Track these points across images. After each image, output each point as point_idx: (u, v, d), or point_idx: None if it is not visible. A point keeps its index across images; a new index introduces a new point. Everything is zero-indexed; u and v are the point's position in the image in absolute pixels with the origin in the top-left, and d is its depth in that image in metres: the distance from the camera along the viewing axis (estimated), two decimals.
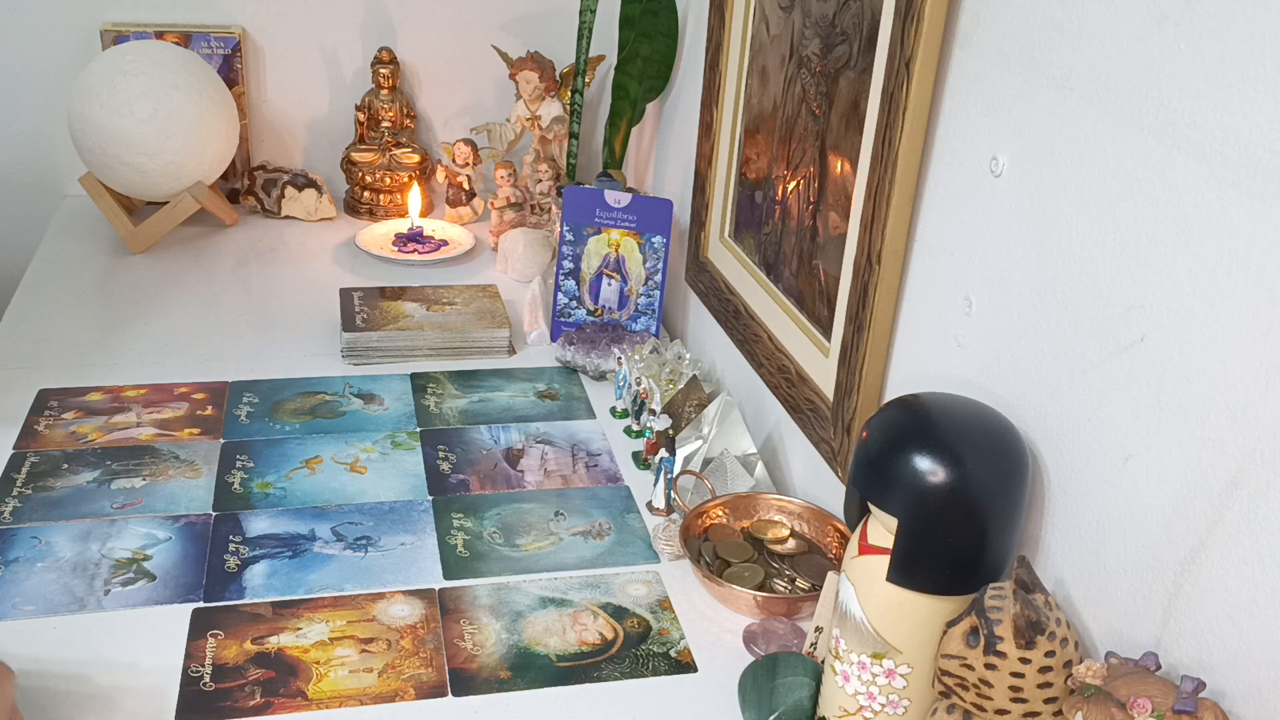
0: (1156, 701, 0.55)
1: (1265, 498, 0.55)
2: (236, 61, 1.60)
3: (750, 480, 1.05)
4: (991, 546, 0.67)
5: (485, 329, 1.29)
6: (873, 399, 0.90)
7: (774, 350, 1.07)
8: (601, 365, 1.27)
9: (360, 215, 1.66)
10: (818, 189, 0.99)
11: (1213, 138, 0.57)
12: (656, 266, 1.31)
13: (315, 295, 1.41)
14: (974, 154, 0.77)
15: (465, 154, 1.61)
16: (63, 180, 1.61)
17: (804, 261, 1.02)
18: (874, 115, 0.86)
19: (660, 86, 1.46)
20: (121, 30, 1.55)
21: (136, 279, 1.43)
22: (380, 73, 1.62)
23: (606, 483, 1.09)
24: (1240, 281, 0.56)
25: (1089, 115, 0.66)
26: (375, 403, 1.19)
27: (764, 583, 0.93)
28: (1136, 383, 0.63)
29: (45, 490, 1.01)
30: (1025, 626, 0.61)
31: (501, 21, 1.66)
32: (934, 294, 0.83)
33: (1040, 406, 0.71)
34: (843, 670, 0.73)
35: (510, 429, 1.17)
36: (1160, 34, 0.60)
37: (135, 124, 1.41)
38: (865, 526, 0.71)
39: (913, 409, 0.70)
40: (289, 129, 1.69)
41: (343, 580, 0.93)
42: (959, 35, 0.78)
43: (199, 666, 0.83)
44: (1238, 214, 0.56)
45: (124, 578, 0.92)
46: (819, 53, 0.97)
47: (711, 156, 1.22)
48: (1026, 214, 0.72)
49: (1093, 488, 0.67)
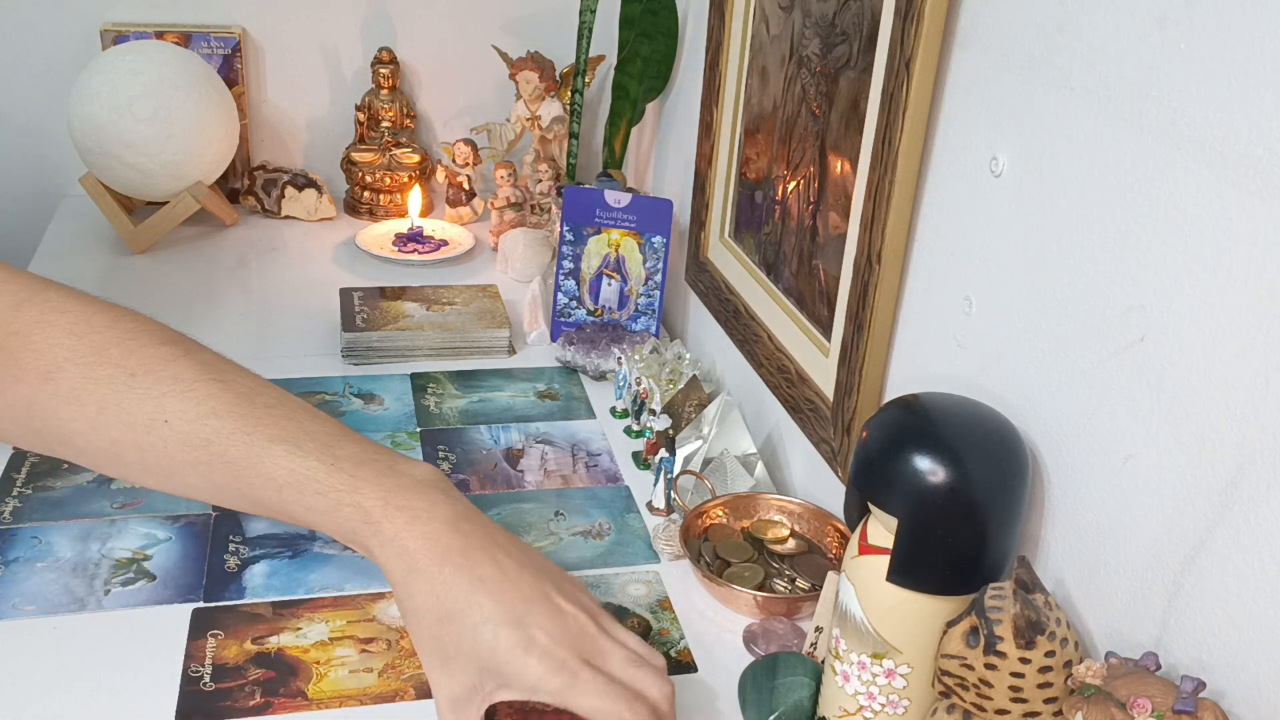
0: (1156, 701, 0.55)
1: (1265, 498, 0.55)
2: (236, 61, 1.60)
3: (750, 480, 1.05)
4: (991, 546, 0.67)
5: (485, 329, 1.29)
6: (873, 399, 0.90)
7: (774, 350, 1.07)
8: (601, 365, 1.27)
9: (360, 215, 1.66)
10: (818, 189, 0.99)
11: (1213, 138, 0.57)
12: (656, 266, 1.31)
13: (315, 295, 1.41)
14: (974, 154, 0.77)
15: (465, 154, 1.61)
16: (63, 180, 1.61)
17: (804, 261, 1.02)
18: (874, 115, 0.86)
19: (660, 86, 1.46)
20: (121, 30, 1.55)
21: (136, 279, 1.43)
22: (380, 73, 1.62)
23: (606, 483, 1.09)
24: (1240, 281, 0.56)
25: (1089, 115, 0.66)
26: (375, 403, 1.19)
27: (764, 583, 0.93)
28: (1136, 383, 0.63)
29: (45, 490, 1.01)
30: (1025, 626, 0.61)
31: (501, 21, 1.66)
32: (934, 294, 0.83)
33: (1040, 406, 0.71)
34: (843, 670, 0.73)
35: (510, 429, 1.17)
36: (1160, 34, 0.60)
37: (135, 124, 1.41)
38: (865, 526, 0.71)
39: (913, 409, 0.70)
40: (289, 129, 1.69)
41: (343, 580, 0.93)
42: (959, 35, 0.78)
43: (199, 666, 0.83)
44: (1238, 214, 0.56)
45: (124, 578, 0.92)
46: (819, 53, 0.97)
47: (711, 156, 1.22)
48: (1026, 214, 0.72)
49: (1093, 488, 0.67)
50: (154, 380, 0.70)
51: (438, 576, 0.68)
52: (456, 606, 0.68)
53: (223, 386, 0.71)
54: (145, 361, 0.71)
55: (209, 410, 0.70)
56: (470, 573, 0.68)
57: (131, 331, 0.72)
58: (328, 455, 0.70)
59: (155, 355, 0.71)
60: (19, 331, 0.71)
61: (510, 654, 0.67)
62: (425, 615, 0.68)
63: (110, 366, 0.70)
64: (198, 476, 0.71)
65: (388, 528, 0.68)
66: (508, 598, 0.68)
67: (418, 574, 0.68)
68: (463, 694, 0.68)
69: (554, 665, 0.67)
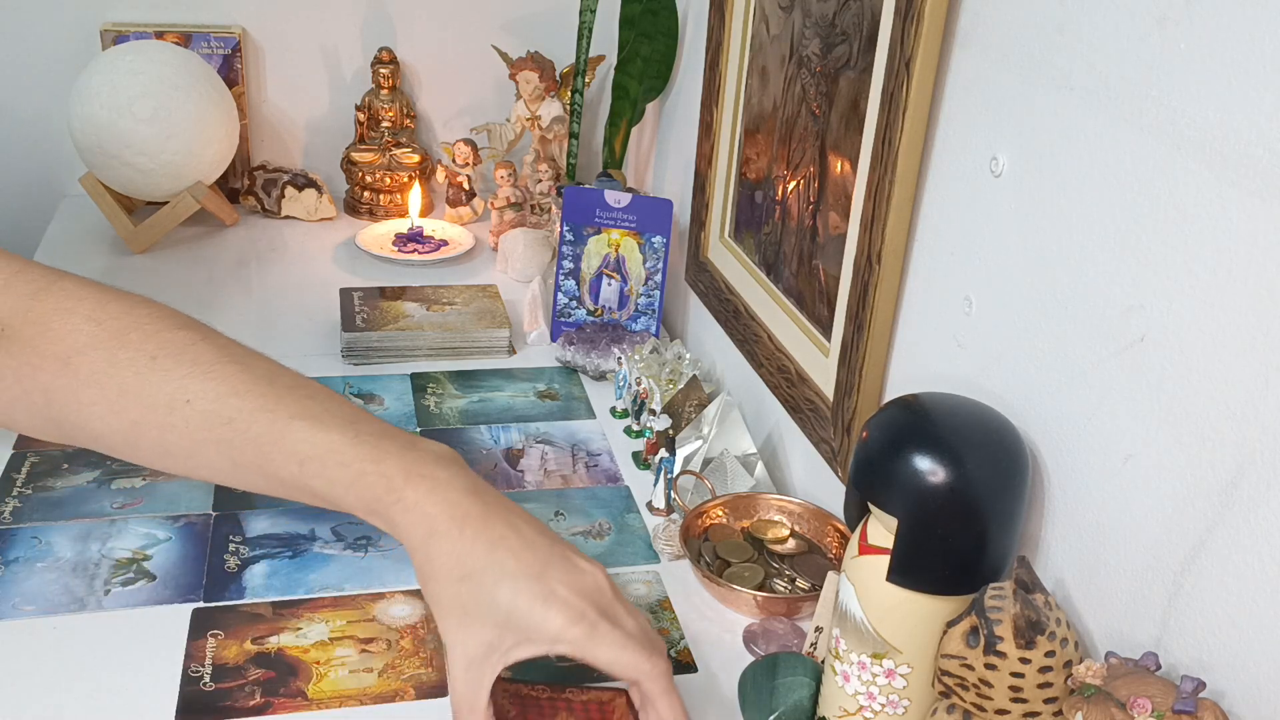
0: (1156, 701, 0.55)
1: (1265, 498, 0.55)
2: (236, 61, 1.60)
3: (750, 480, 1.05)
4: (991, 546, 0.67)
5: (485, 329, 1.29)
6: (873, 399, 0.90)
7: (774, 350, 1.07)
8: (601, 365, 1.27)
9: (360, 215, 1.66)
10: (818, 189, 0.99)
11: (1213, 138, 0.57)
12: (656, 266, 1.31)
13: (315, 295, 1.41)
14: (974, 154, 0.77)
15: (465, 154, 1.61)
16: (63, 180, 1.61)
17: (804, 261, 1.02)
18: (874, 115, 0.86)
19: (660, 86, 1.46)
20: (121, 30, 1.55)
21: (136, 279, 1.43)
22: (380, 73, 1.62)
23: (606, 483, 1.09)
24: (1240, 281, 0.56)
25: (1089, 115, 0.66)
26: (375, 403, 1.19)
27: (764, 583, 0.93)
28: (1136, 383, 0.63)
29: (45, 490, 1.01)
30: (1025, 626, 0.61)
31: (501, 21, 1.66)
32: (934, 294, 0.83)
33: (1040, 406, 0.71)
34: (843, 670, 0.73)
35: (510, 429, 1.17)
36: (1160, 34, 0.60)
37: (135, 124, 1.41)
38: (865, 526, 0.71)
39: (913, 409, 0.70)
40: (289, 129, 1.69)
41: (343, 580, 0.93)
42: (959, 35, 0.78)
43: (199, 666, 0.83)
44: (1238, 214, 0.56)
45: (124, 578, 0.92)
46: (819, 53, 0.97)
47: (711, 156, 1.22)
48: (1026, 214, 0.72)
49: (1093, 488, 0.67)
50: (174, 362, 0.72)
51: (459, 539, 0.70)
52: (477, 565, 0.69)
53: (242, 368, 0.74)
54: (165, 345, 0.73)
55: (230, 390, 0.72)
56: (490, 533, 0.70)
57: (149, 316, 0.75)
58: (350, 430, 0.72)
59: (174, 339, 0.74)
60: (38, 320, 0.73)
61: (531, 606, 0.69)
62: (446, 577, 0.70)
63: (131, 350, 0.72)
64: (219, 455, 0.73)
65: (410, 495, 0.70)
66: (527, 557, 0.70)
67: (438, 537, 0.70)
68: (479, 652, 0.69)
69: (574, 615, 0.69)
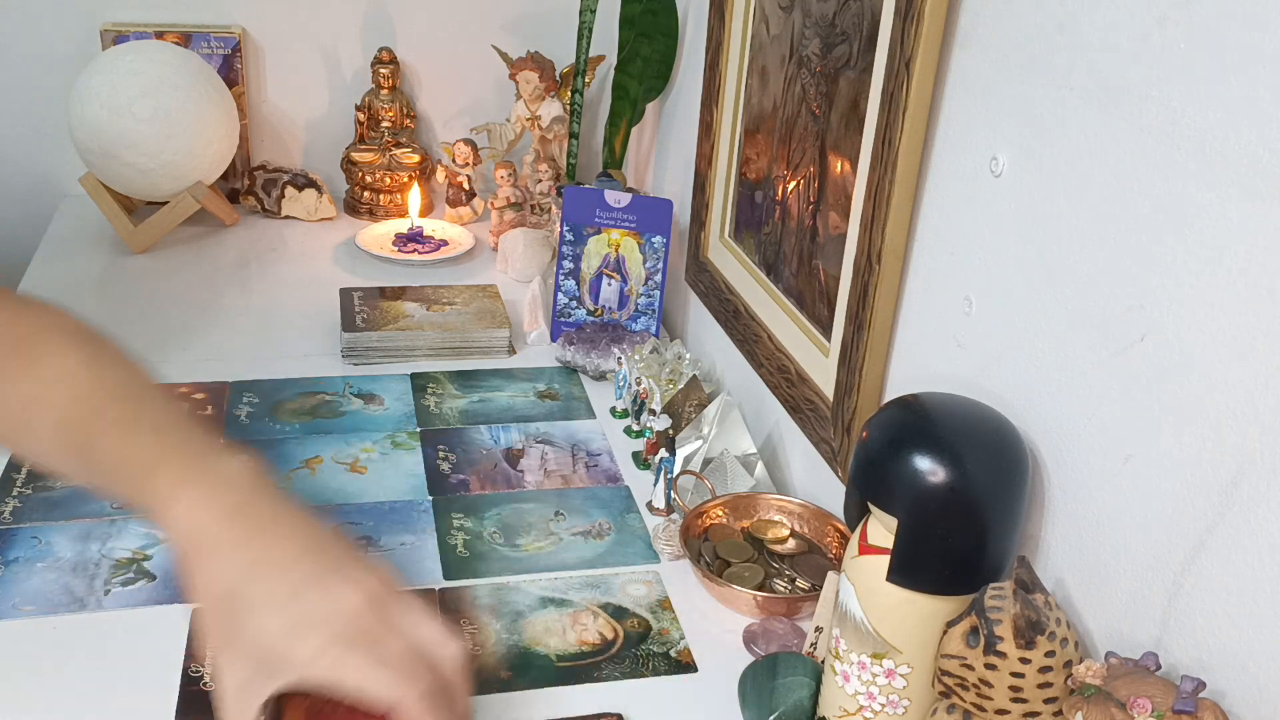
0: (1156, 701, 0.55)
1: (1265, 498, 0.55)
2: (236, 61, 1.60)
3: (750, 480, 1.05)
4: (991, 546, 0.67)
5: (485, 329, 1.29)
6: (873, 399, 0.90)
7: (774, 350, 1.07)
8: (601, 365, 1.27)
9: (360, 215, 1.66)
10: (818, 189, 0.99)
11: (1213, 138, 0.57)
12: (656, 266, 1.31)
13: (315, 295, 1.41)
14: (974, 154, 0.77)
15: (465, 154, 1.61)
16: (63, 180, 1.61)
17: (804, 261, 1.02)
18: (874, 115, 0.86)
19: (660, 86, 1.46)
20: (121, 30, 1.55)
21: (136, 279, 1.43)
22: (380, 73, 1.62)
23: (606, 483, 1.09)
24: (1240, 281, 0.56)
25: (1089, 115, 0.66)
26: (375, 403, 1.19)
27: (764, 583, 0.93)
28: (1136, 383, 0.63)
29: (45, 490, 1.01)
30: (1025, 626, 0.61)
31: (501, 21, 1.66)
32: (934, 294, 0.83)
33: (1040, 406, 0.71)
34: (843, 670, 0.73)
35: (510, 429, 1.17)
36: (1160, 34, 0.60)
37: (135, 124, 1.41)
38: (865, 526, 0.71)
39: (913, 409, 0.70)
40: (289, 129, 1.69)
41: None
42: (959, 35, 0.78)
43: (199, 666, 0.83)
44: (1238, 214, 0.56)
45: (124, 578, 0.92)
46: (819, 53, 0.97)
47: (711, 156, 1.22)
48: (1026, 214, 0.72)
49: (1093, 488, 0.67)
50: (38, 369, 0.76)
51: (211, 561, 0.67)
52: (230, 592, 0.67)
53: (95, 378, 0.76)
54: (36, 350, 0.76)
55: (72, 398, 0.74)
56: (244, 557, 0.67)
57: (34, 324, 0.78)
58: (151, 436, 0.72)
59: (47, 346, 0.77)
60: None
61: (276, 637, 0.65)
62: (204, 599, 0.68)
63: None
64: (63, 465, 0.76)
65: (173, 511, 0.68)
66: (276, 583, 0.67)
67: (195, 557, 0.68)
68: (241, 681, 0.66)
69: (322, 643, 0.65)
